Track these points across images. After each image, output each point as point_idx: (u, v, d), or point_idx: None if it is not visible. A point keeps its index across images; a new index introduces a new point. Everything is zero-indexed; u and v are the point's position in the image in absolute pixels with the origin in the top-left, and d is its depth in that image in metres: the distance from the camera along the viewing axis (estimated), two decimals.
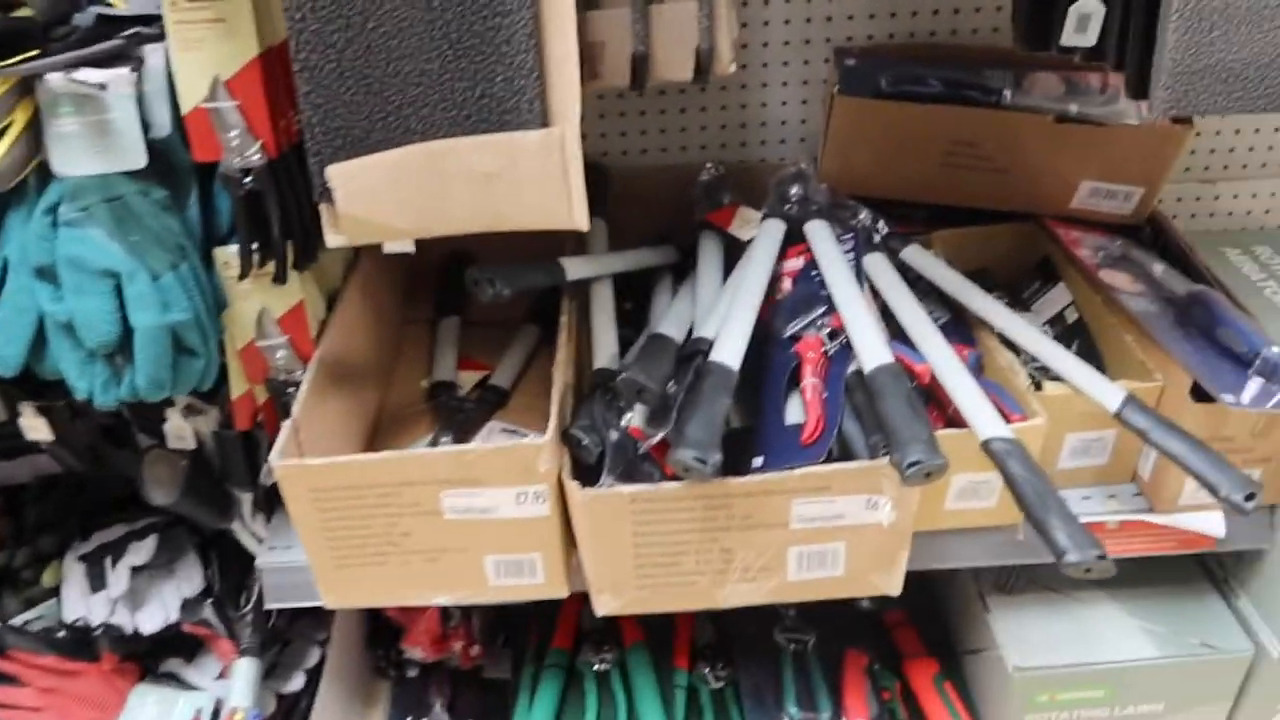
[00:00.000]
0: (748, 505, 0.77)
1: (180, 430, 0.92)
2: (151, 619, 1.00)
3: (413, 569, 0.82)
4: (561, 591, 0.84)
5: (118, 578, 1.00)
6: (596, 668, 1.02)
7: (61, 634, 0.99)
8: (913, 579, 1.14)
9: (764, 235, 0.97)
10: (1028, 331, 0.89)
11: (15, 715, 0.95)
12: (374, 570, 0.82)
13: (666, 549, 0.79)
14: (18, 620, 1.02)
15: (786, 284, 0.97)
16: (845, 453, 0.80)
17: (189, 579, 1.04)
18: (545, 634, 1.07)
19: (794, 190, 1.03)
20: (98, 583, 1.02)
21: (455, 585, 0.83)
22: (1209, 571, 1.00)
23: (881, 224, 1.01)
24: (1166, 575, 0.99)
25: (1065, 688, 0.92)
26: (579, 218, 0.67)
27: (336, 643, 1.06)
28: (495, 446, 0.75)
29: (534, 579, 0.83)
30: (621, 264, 0.99)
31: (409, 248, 0.77)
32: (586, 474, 0.80)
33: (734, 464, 0.82)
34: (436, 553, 0.81)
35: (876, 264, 0.96)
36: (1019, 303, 1.06)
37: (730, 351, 0.80)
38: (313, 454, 0.81)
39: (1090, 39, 0.73)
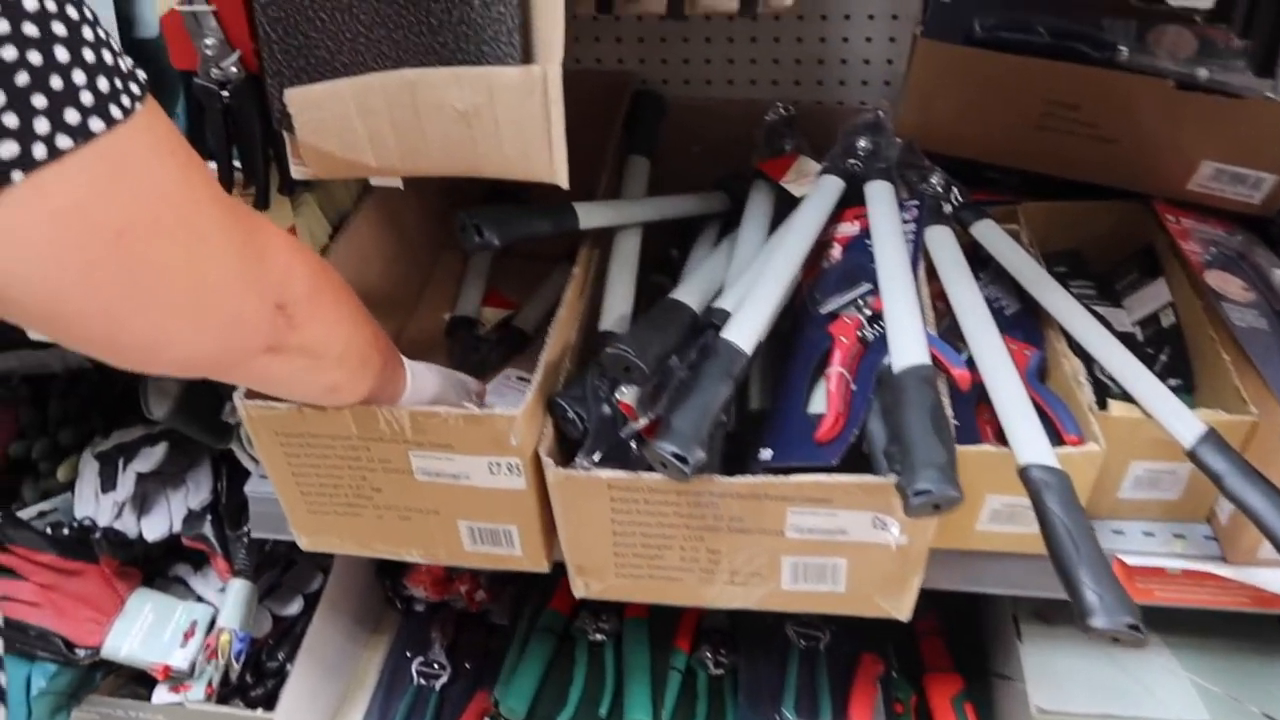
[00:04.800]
0: (737, 507, 0.69)
1: None
2: (156, 527, 1.00)
3: (386, 524, 0.78)
4: (541, 566, 0.78)
5: (125, 481, 1.00)
6: (591, 637, 0.97)
7: (67, 531, 0.99)
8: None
9: (816, 194, 0.86)
10: (1100, 337, 0.76)
11: (13, 607, 0.96)
12: (347, 520, 0.78)
13: (648, 541, 0.72)
14: (31, 511, 1.03)
15: (836, 251, 0.87)
16: (868, 456, 0.71)
17: (198, 490, 1.03)
18: (548, 592, 1.02)
19: (862, 143, 0.90)
20: (109, 483, 1.01)
21: (430, 545, 0.79)
22: None
23: (955, 192, 0.89)
24: (1238, 629, 0.87)
25: None
26: (559, 170, 0.59)
27: (337, 571, 1.04)
28: (466, 413, 0.68)
29: (511, 550, 0.77)
30: (653, 212, 0.89)
31: (396, 183, 0.71)
32: (576, 447, 0.73)
33: (744, 449, 0.74)
34: (409, 511, 0.76)
35: (940, 239, 0.84)
36: (1110, 295, 0.93)
37: (744, 331, 0.71)
38: None
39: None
